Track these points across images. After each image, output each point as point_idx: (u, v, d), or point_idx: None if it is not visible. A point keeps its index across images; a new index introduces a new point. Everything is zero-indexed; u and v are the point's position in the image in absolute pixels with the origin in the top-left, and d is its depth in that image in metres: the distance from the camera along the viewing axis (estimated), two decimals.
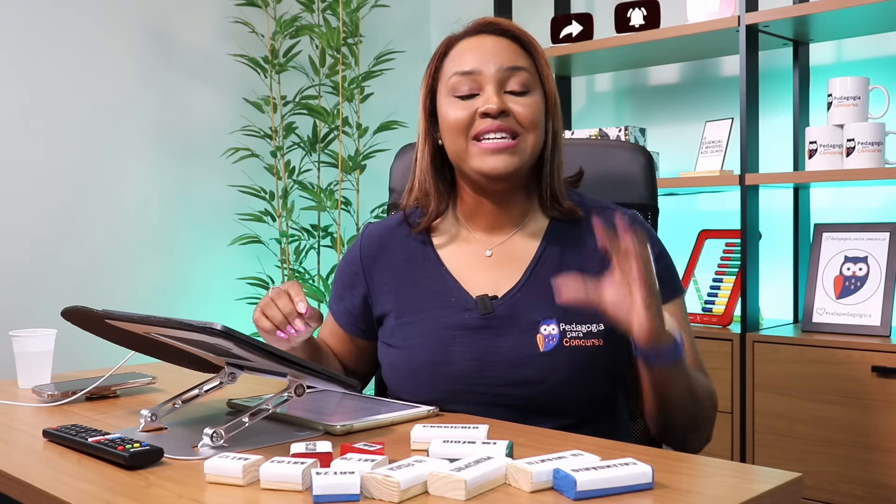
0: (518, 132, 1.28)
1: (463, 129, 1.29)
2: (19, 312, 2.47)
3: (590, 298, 1.12)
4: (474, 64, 1.29)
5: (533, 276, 1.32)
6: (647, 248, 1.09)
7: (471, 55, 1.30)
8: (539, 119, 1.30)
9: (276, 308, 1.24)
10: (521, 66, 1.30)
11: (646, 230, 1.34)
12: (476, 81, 1.29)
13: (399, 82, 3.08)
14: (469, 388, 1.27)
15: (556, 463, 0.91)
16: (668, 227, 1.88)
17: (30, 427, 1.25)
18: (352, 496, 0.88)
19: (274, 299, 1.25)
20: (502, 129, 1.27)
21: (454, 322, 1.30)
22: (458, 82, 1.30)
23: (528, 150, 1.29)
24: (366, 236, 1.45)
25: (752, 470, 1.10)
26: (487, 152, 1.27)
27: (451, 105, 1.31)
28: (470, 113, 1.28)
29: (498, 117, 1.27)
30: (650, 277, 1.08)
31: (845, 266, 2.29)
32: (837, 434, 2.14)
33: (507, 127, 1.27)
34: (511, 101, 1.29)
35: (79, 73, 2.64)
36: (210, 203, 2.93)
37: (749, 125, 2.36)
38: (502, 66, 1.29)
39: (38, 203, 2.56)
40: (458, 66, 1.31)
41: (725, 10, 2.45)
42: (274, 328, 1.25)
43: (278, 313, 1.24)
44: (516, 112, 1.28)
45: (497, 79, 1.28)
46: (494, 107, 1.26)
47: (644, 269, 1.08)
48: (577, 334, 1.27)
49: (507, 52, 1.30)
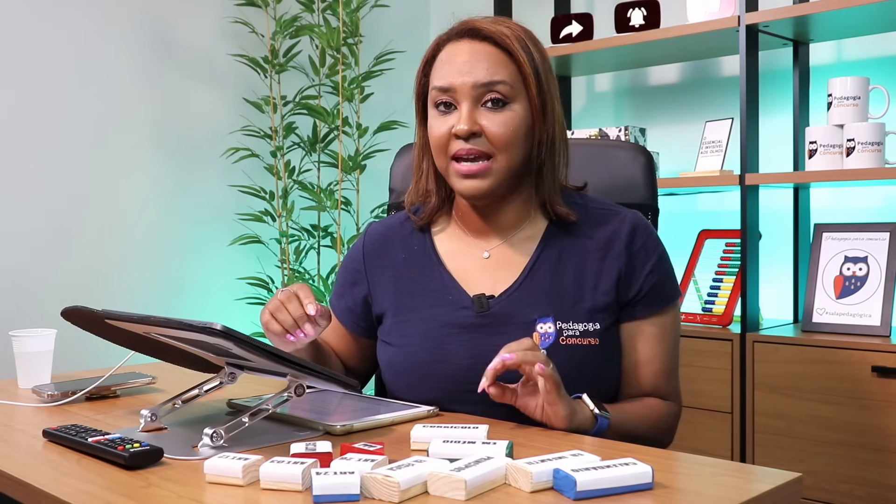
0: (490, 153, 1.27)
1: (443, 148, 1.29)
2: (19, 312, 2.47)
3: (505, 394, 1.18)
4: (451, 78, 1.27)
5: (530, 276, 1.32)
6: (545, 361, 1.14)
7: (448, 68, 1.28)
8: (514, 137, 1.27)
9: (287, 312, 1.23)
10: (497, 80, 1.26)
11: (647, 233, 1.34)
12: (453, 97, 1.28)
13: (399, 82, 3.06)
14: (465, 387, 1.27)
15: (556, 463, 0.91)
16: (668, 227, 1.88)
17: (30, 427, 1.25)
18: (352, 496, 0.88)
19: (284, 303, 1.24)
20: (473, 151, 1.26)
21: (451, 320, 1.31)
22: (436, 96, 1.29)
23: (502, 171, 1.28)
24: (369, 235, 1.45)
25: (752, 470, 1.10)
26: (461, 175, 1.28)
27: (434, 119, 1.30)
28: (447, 129, 1.27)
29: (469, 139, 1.26)
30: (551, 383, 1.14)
31: (845, 266, 2.29)
32: (837, 434, 2.14)
33: (478, 150, 1.26)
34: (485, 117, 1.26)
35: (79, 73, 2.64)
36: (210, 203, 2.93)
37: (749, 125, 2.36)
38: (477, 81, 1.26)
39: (38, 203, 2.56)
40: (436, 78, 1.29)
41: (725, 10, 2.45)
42: (284, 332, 1.24)
43: (289, 317, 1.23)
44: (489, 131, 1.26)
45: (471, 95, 1.26)
46: (465, 127, 1.25)
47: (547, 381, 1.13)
48: (574, 333, 1.28)
49: (485, 62, 1.27)
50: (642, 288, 1.31)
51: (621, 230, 1.32)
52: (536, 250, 1.34)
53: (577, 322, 1.28)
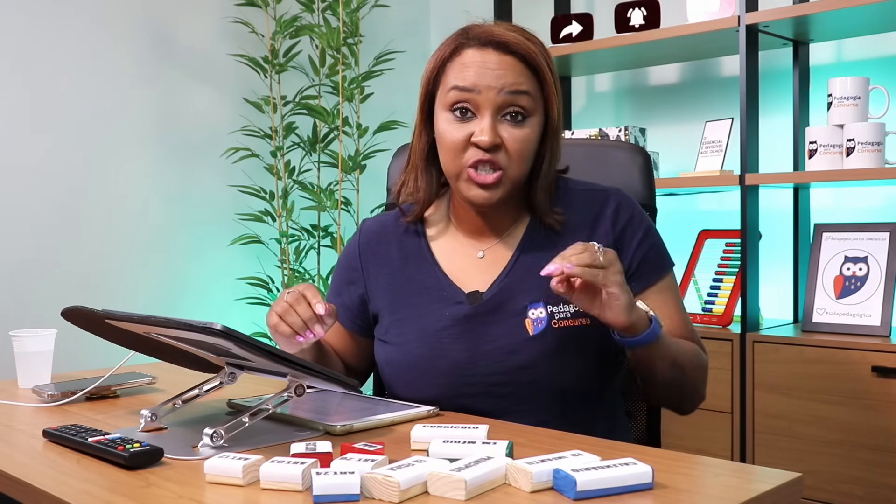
0: (504, 165, 1.27)
1: (458, 153, 1.28)
2: (19, 312, 2.47)
3: None
4: (475, 80, 1.26)
5: (518, 263, 1.33)
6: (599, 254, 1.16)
7: (473, 71, 1.27)
8: (529, 151, 1.29)
9: (296, 314, 1.22)
10: (523, 90, 1.27)
11: (631, 208, 1.35)
12: (474, 101, 1.27)
13: (399, 82, 3.07)
14: (463, 380, 1.28)
15: (556, 463, 0.91)
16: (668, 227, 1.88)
17: (30, 427, 1.25)
18: (352, 496, 0.88)
19: (292, 304, 1.23)
20: (490, 161, 1.27)
21: (446, 315, 1.32)
22: (456, 97, 1.28)
23: (513, 180, 1.29)
24: (363, 232, 1.46)
25: (752, 470, 1.10)
26: (474, 184, 1.28)
27: (449, 123, 1.29)
28: (465, 136, 1.27)
29: (489, 151, 1.26)
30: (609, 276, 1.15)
31: (845, 266, 2.29)
32: (837, 434, 2.14)
33: (496, 161, 1.27)
34: (505, 130, 1.27)
35: (79, 73, 2.64)
36: (210, 203, 2.93)
37: (749, 125, 2.36)
38: (503, 88, 1.26)
39: (38, 203, 2.56)
40: (458, 79, 1.28)
41: (725, 10, 2.45)
42: (294, 334, 1.23)
43: (298, 319, 1.22)
44: (508, 145, 1.27)
45: (495, 103, 1.26)
46: (487, 139, 1.25)
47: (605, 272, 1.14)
48: (566, 315, 1.28)
49: (512, 72, 1.27)
50: (632, 263, 1.32)
51: (606, 208, 1.33)
52: (523, 239, 1.35)
53: (567, 304, 1.28)
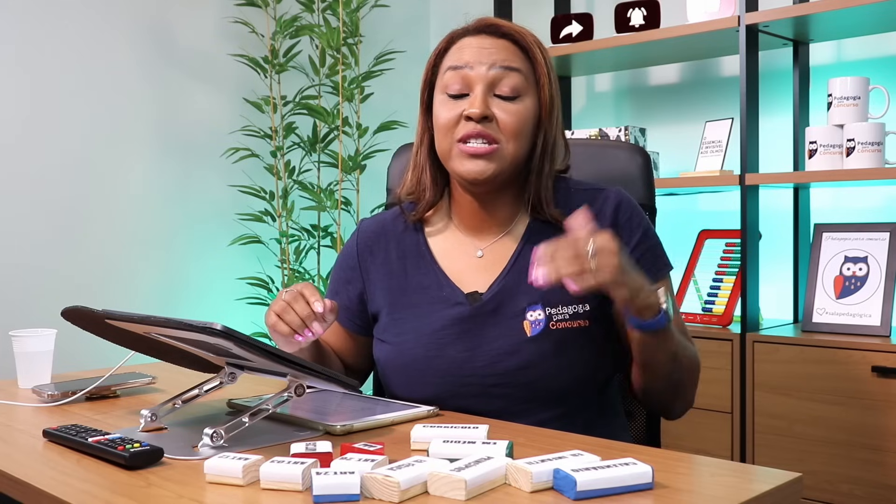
0: (498, 139, 1.28)
1: (449, 130, 1.30)
2: (19, 312, 2.47)
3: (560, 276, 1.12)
4: (468, 59, 1.30)
5: (517, 265, 1.33)
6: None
7: (467, 52, 1.31)
8: (523, 128, 1.30)
9: (294, 312, 1.23)
10: (514, 67, 1.30)
11: (630, 208, 1.35)
12: (467, 78, 1.29)
13: (399, 82, 3.07)
14: (461, 381, 1.28)
15: (556, 463, 0.91)
16: (668, 227, 1.88)
17: (30, 427, 1.25)
18: (352, 496, 0.88)
19: (290, 303, 1.23)
20: (483, 134, 1.27)
21: (445, 316, 1.32)
22: (450, 78, 1.31)
23: (508, 157, 1.29)
24: (362, 232, 1.46)
25: (752, 470, 1.10)
26: (466, 156, 1.29)
27: (443, 104, 1.32)
28: (457, 114, 1.29)
29: (480, 122, 1.27)
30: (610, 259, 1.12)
31: (845, 266, 2.29)
32: (837, 434, 2.14)
33: (488, 134, 1.28)
34: (498, 106, 1.29)
35: (79, 72, 2.64)
36: (210, 203, 2.93)
37: (749, 125, 2.36)
38: (494, 63, 1.29)
39: (38, 203, 2.56)
40: (452, 60, 1.32)
41: (725, 10, 2.45)
42: (292, 332, 1.23)
43: (296, 318, 1.23)
44: (500, 119, 1.28)
45: (487, 79, 1.29)
46: (477, 111, 1.27)
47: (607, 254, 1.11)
48: (563, 317, 1.28)
49: (504, 51, 1.31)
50: None
51: (605, 208, 1.33)
52: (522, 239, 1.35)
53: (565, 305, 1.28)
